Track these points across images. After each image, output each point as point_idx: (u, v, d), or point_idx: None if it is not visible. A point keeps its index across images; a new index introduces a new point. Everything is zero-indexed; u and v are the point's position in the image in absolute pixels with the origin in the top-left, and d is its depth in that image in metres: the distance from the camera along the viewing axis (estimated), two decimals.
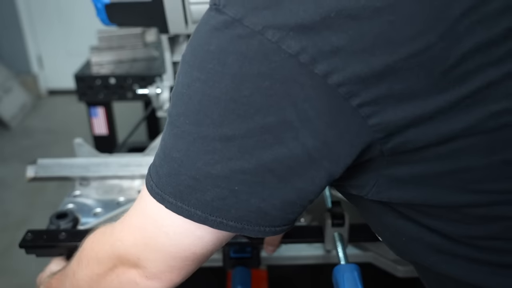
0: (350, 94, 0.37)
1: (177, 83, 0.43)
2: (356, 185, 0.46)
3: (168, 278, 0.49)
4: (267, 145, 0.40)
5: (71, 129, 3.00)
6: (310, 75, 0.37)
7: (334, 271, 0.68)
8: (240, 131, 0.40)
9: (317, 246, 0.86)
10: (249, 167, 0.41)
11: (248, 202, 0.42)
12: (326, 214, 0.79)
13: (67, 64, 3.26)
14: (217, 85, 0.39)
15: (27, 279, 1.91)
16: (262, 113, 0.39)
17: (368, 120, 0.38)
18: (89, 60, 1.90)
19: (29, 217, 2.31)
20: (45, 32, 3.54)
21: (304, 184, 0.42)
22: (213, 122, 0.40)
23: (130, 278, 0.50)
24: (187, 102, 0.41)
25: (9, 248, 2.12)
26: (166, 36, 0.97)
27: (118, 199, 0.95)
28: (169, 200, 0.44)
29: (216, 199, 0.42)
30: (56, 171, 0.94)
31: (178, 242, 0.46)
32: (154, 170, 0.46)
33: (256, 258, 0.82)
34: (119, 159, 0.96)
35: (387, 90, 0.37)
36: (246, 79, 0.38)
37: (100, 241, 0.53)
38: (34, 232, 0.81)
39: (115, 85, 1.79)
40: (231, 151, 0.40)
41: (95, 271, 0.53)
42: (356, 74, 0.37)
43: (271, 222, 0.44)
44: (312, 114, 0.38)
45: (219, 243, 0.48)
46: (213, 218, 0.43)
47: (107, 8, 0.88)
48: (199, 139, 0.41)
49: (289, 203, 0.43)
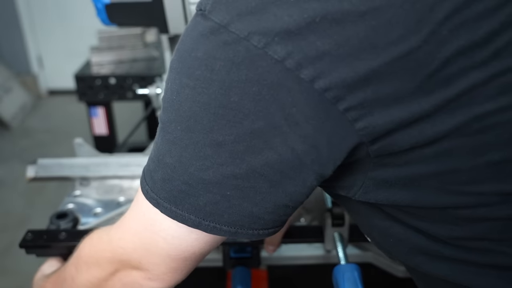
0: (337, 98, 0.37)
1: (166, 89, 0.44)
2: (343, 186, 0.46)
3: (170, 278, 0.50)
4: (257, 150, 0.40)
5: (71, 129, 3.01)
6: (296, 80, 0.37)
7: (334, 271, 0.68)
8: (230, 137, 0.40)
9: (317, 246, 0.86)
10: (240, 172, 0.41)
11: (241, 206, 0.43)
12: (326, 214, 0.79)
13: (67, 64, 3.26)
14: (206, 91, 0.39)
15: (27, 279, 1.91)
16: (251, 119, 0.39)
17: (355, 123, 0.38)
18: (89, 60, 1.90)
19: (29, 217, 2.31)
20: (45, 32, 3.54)
21: (295, 187, 0.42)
22: (204, 128, 0.40)
23: (133, 280, 0.50)
24: (178, 108, 0.42)
25: (9, 248, 2.12)
26: (166, 36, 0.97)
27: (118, 199, 0.95)
28: (163, 205, 0.44)
29: (209, 204, 0.43)
30: (56, 171, 0.94)
31: (176, 245, 0.47)
32: (149, 174, 0.46)
33: (256, 258, 0.82)
34: (119, 159, 0.96)
35: (372, 94, 0.37)
36: (234, 85, 0.38)
37: (98, 247, 0.54)
38: (34, 232, 0.81)
39: (115, 85, 1.79)
40: (222, 156, 0.41)
41: (96, 275, 0.53)
42: (342, 79, 0.37)
43: (264, 225, 0.45)
44: (300, 118, 0.38)
45: (216, 243, 0.49)
46: (207, 223, 0.44)
47: (107, 8, 0.88)
48: (190, 145, 0.41)
49: (281, 206, 0.44)
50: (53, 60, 3.62)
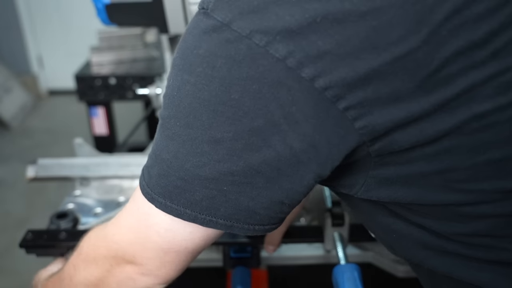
0: (337, 97, 0.38)
1: (167, 86, 0.44)
2: (345, 185, 0.47)
3: (163, 273, 0.50)
4: (255, 147, 0.40)
5: (71, 129, 3.01)
6: (297, 79, 0.37)
7: (334, 271, 0.68)
8: (229, 134, 0.40)
9: (317, 246, 0.86)
10: (237, 169, 0.41)
11: (237, 201, 0.43)
12: (326, 214, 0.79)
13: (67, 64, 3.27)
14: (207, 88, 0.40)
15: (27, 279, 1.91)
16: (250, 116, 0.39)
17: (355, 123, 0.39)
18: (89, 60, 1.90)
19: (29, 217, 2.31)
20: (45, 32, 3.54)
21: (292, 185, 0.43)
22: (203, 124, 0.41)
23: (127, 275, 0.51)
24: (178, 104, 0.42)
25: (9, 248, 2.12)
26: (166, 36, 0.97)
27: (118, 199, 0.95)
28: (158, 200, 0.45)
29: (205, 198, 0.43)
30: (56, 171, 0.94)
31: (169, 239, 0.47)
32: (146, 170, 0.47)
33: (256, 258, 0.82)
34: (119, 159, 0.96)
35: (373, 93, 0.38)
36: (235, 82, 0.39)
37: (95, 243, 0.54)
38: (34, 232, 0.81)
39: (115, 85, 1.80)
40: (219, 153, 0.41)
41: (93, 274, 0.53)
42: (342, 78, 0.37)
43: (259, 220, 0.45)
44: (300, 117, 0.39)
45: (210, 239, 0.49)
46: (203, 217, 0.44)
47: (107, 8, 0.88)
48: (188, 141, 0.42)
49: (277, 203, 0.44)
50: (53, 60, 3.62)
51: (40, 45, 3.59)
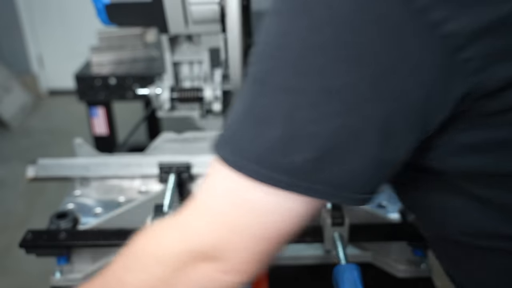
0: (459, 47, 0.36)
1: (263, 40, 0.40)
2: (424, 147, 0.43)
3: (248, 269, 0.45)
4: (374, 98, 0.37)
5: (71, 129, 3.00)
6: (420, 23, 0.36)
7: (334, 271, 0.68)
8: (346, 82, 0.37)
9: (317, 246, 0.86)
10: (353, 124, 0.38)
11: (344, 163, 0.39)
12: (326, 214, 0.79)
13: (67, 64, 3.26)
14: (322, 30, 0.36)
15: (27, 279, 1.92)
16: (369, 61, 0.36)
17: (473, 75, 0.37)
18: (89, 60, 1.90)
19: (29, 217, 2.31)
20: (45, 32, 3.54)
21: (401, 142, 0.40)
22: (315, 72, 0.37)
23: (203, 275, 0.45)
24: (281, 53, 0.38)
25: (9, 248, 2.12)
26: (166, 36, 0.97)
27: (118, 199, 0.95)
28: (250, 167, 0.39)
29: (307, 161, 0.38)
30: (56, 171, 0.94)
31: (263, 219, 0.42)
32: (228, 139, 0.42)
33: None
34: (119, 159, 0.96)
35: (494, 46, 0.36)
36: (355, 24, 0.36)
37: (160, 239, 0.47)
38: (34, 232, 0.81)
39: (115, 85, 1.80)
40: (332, 105, 0.37)
41: (155, 274, 0.46)
42: (467, 25, 0.36)
43: (362, 187, 0.41)
44: (421, 64, 0.37)
45: (307, 216, 0.44)
46: (304, 184, 0.39)
47: (107, 8, 0.88)
48: (295, 93, 0.38)
49: (384, 165, 0.41)
50: (53, 60, 3.62)
51: (40, 45, 3.59)
